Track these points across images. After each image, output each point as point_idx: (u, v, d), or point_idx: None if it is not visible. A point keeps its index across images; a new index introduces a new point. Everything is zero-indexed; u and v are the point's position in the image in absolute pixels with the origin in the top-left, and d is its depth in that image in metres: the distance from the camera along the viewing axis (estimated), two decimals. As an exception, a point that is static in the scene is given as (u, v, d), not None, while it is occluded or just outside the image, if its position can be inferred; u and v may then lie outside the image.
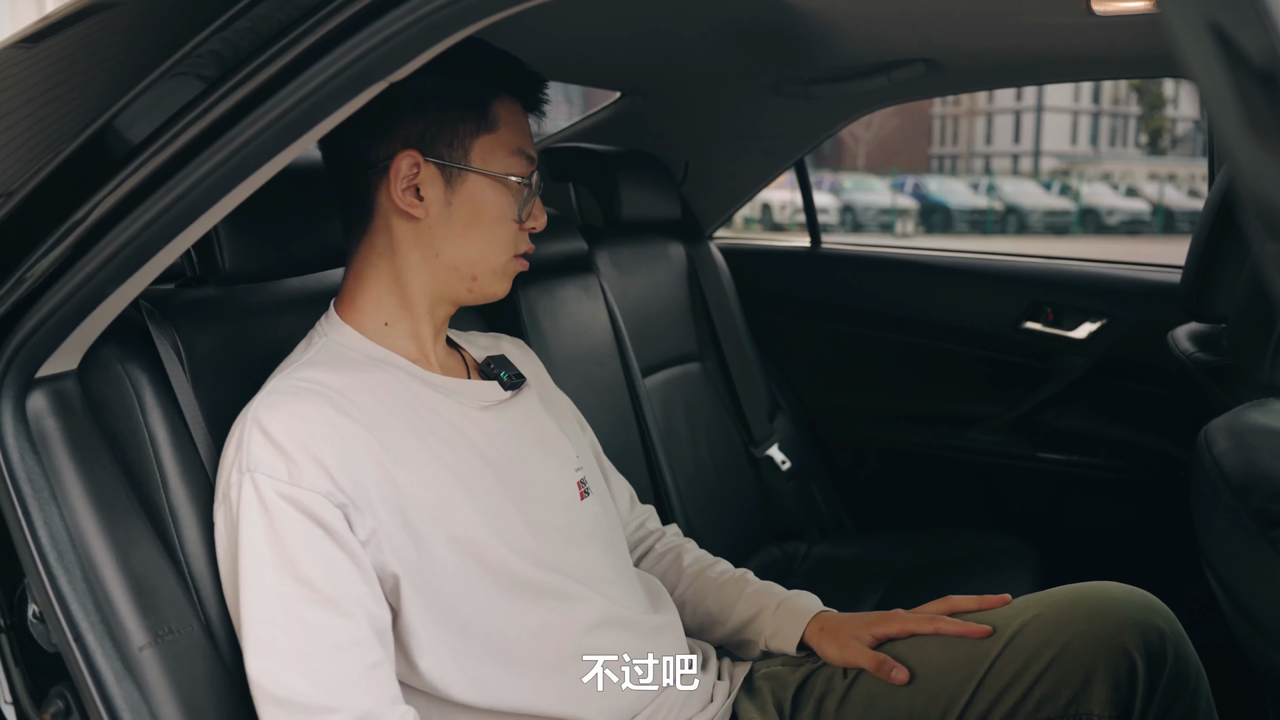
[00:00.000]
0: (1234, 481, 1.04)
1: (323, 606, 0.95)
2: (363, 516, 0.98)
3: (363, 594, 0.98)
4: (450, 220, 1.09)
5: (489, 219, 1.11)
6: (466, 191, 1.09)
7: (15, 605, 1.02)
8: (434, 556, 1.02)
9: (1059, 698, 1.07)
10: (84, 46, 1.08)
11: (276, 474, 0.96)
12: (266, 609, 0.95)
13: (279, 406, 0.99)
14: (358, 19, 0.83)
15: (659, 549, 1.40)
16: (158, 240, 0.93)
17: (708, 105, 2.18)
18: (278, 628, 0.95)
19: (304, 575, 0.95)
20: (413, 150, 1.07)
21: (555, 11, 0.84)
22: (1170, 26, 0.43)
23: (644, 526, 1.42)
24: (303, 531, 0.96)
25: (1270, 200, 0.41)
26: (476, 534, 1.04)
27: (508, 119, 1.11)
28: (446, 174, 1.08)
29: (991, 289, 2.40)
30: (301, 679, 0.94)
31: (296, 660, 0.94)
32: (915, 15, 1.62)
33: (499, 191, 1.11)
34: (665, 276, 2.18)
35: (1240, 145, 0.41)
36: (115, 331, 1.04)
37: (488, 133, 1.09)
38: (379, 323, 1.11)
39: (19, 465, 0.98)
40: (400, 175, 1.07)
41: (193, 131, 0.89)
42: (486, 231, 1.11)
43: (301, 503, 0.96)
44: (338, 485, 0.97)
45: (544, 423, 1.21)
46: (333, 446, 0.98)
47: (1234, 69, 0.41)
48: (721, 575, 1.33)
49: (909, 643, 1.17)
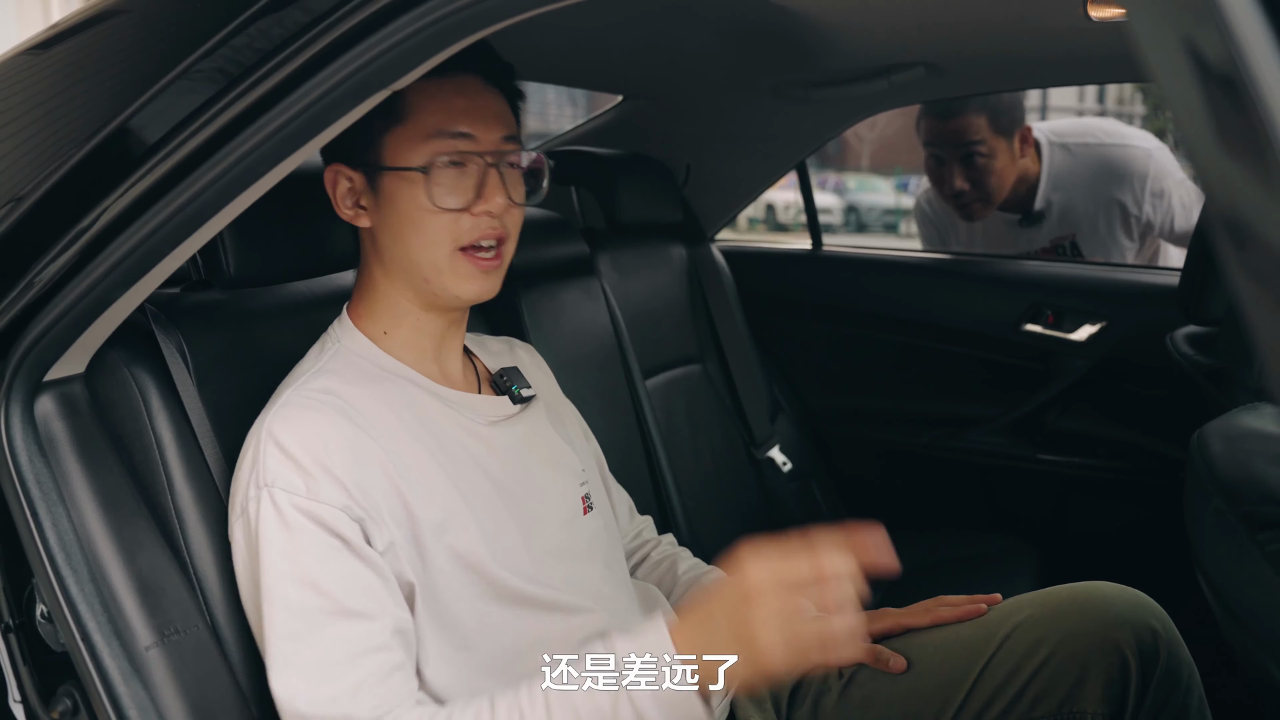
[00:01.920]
0: (1224, 485, 1.05)
1: (344, 618, 0.95)
2: (379, 528, 0.99)
3: (384, 599, 0.98)
4: (385, 226, 1.07)
5: (413, 216, 1.05)
6: (387, 193, 1.06)
7: (24, 605, 1.03)
8: (438, 570, 1.03)
9: (1053, 696, 1.08)
10: (91, 54, 1.09)
11: (294, 489, 0.96)
12: (289, 624, 0.95)
13: (294, 420, 1.00)
14: (361, 28, 0.84)
15: (655, 556, 1.41)
16: (164, 246, 0.94)
17: (709, 109, 2.20)
18: (300, 642, 0.95)
19: (325, 589, 0.95)
20: (337, 163, 1.07)
21: (558, 17, 0.85)
22: (1138, 37, 0.44)
23: (641, 535, 1.43)
24: (322, 545, 0.96)
25: (1237, 209, 0.42)
26: (478, 551, 1.04)
27: (420, 103, 1.04)
28: (371, 179, 1.07)
29: (991, 291, 2.40)
30: (323, 687, 0.94)
31: (319, 671, 0.94)
32: (915, 19, 1.63)
33: (413, 184, 1.04)
34: (667, 279, 2.19)
35: (1207, 155, 0.42)
36: (122, 335, 1.06)
37: (396, 125, 1.04)
38: (378, 330, 1.11)
39: (27, 467, 0.99)
40: (337, 189, 1.07)
41: (198, 139, 0.91)
42: (414, 229, 1.05)
43: (320, 517, 0.96)
44: (354, 499, 0.98)
45: (551, 438, 1.21)
46: (346, 460, 0.98)
47: (1201, 78, 0.42)
48: (717, 580, 1.34)
49: (903, 641, 1.18)
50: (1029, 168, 2.39)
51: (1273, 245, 0.42)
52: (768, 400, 2.32)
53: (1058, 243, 2.47)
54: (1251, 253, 0.42)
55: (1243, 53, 0.40)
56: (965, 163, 2.29)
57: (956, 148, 2.29)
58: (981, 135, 2.25)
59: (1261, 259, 0.42)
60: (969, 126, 2.26)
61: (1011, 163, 2.31)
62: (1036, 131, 2.40)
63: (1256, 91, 0.40)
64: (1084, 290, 2.31)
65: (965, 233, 2.61)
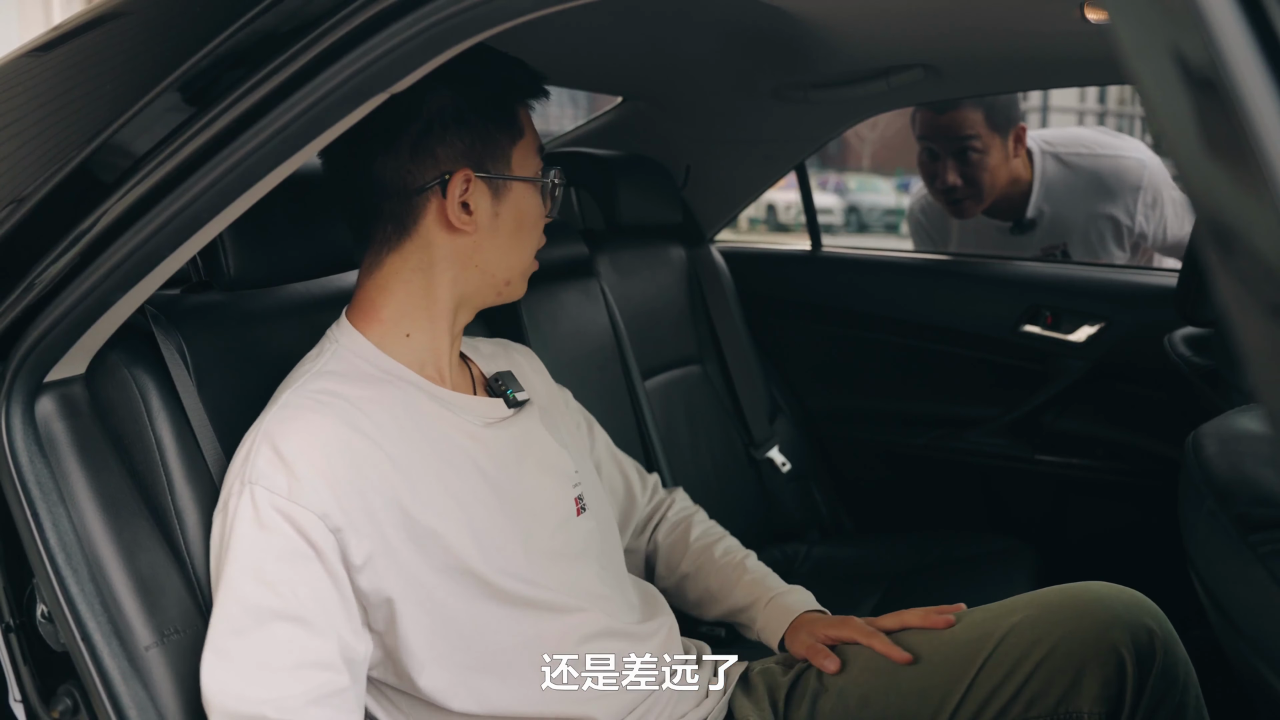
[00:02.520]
0: (1217, 486, 1.05)
1: (294, 623, 0.95)
2: (361, 539, 0.98)
3: (339, 621, 0.97)
4: (496, 231, 1.11)
5: (529, 223, 1.14)
6: (512, 200, 1.12)
7: (24, 605, 1.04)
8: (433, 572, 1.03)
9: (1049, 696, 1.08)
10: (93, 56, 1.10)
11: (276, 488, 0.96)
12: (236, 618, 0.95)
13: (293, 421, 1.00)
14: (362, 31, 0.85)
15: (671, 517, 1.46)
16: (164, 248, 0.95)
17: (709, 110, 2.20)
18: (242, 637, 0.94)
19: (282, 590, 0.95)
20: (466, 169, 1.08)
21: (557, 18, 0.86)
22: (1121, 42, 0.44)
23: (655, 496, 1.48)
24: (291, 547, 0.96)
25: (1221, 214, 0.42)
26: (472, 552, 1.05)
27: (527, 121, 1.14)
28: (494, 187, 1.10)
29: (990, 292, 2.40)
30: (256, 689, 0.93)
31: (257, 672, 0.94)
32: (914, 21, 1.64)
33: (535, 194, 1.14)
34: (666, 280, 2.19)
35: (1191, 160, 0.42)
36: (122, 336, 1.06)
37: (520, 139, 1.12)
38: (400, 334, 1.11)
39: (28, 468, 1.00)
40: (455, 195, 1.07)
41: (199, 141, 0.91)
42: (525, 236, 1.14)
43: (295, 519, 0.96)
44: (340, 505, 0.97)
45: (544, 440, 1.22)
46: (343, 464, 0.98)
47: (1184, 83, 0.43)
48: (724, 555, 1.39)
49: (900, 640, 1.19)
50: (1021, 171, 2.38)
51: (1257, 250, 0.42)
52: (767, 401, 2.33)
53: (1049, 250, 2.47)
54: (1236, 257, 0.43)
55: (1225, 57, 0.41)
56: (959, 157, 2.28)
57: (951, 142, 2.28)
58: (977, 130, 2.25)
59: (1246, 263, 0.42)
60: (964, 121, 2.25)
61: (1005, 161, 2.31)
62: (1030, 139, 2.40)
63: (1239, 96, 0.40)
64: (1083, 291, 2.31)
65: (957, 243, 2.61)
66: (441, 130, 1.07)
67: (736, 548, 1.41)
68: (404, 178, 1.07)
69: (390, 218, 1.09)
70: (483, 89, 1.09)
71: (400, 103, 0.94)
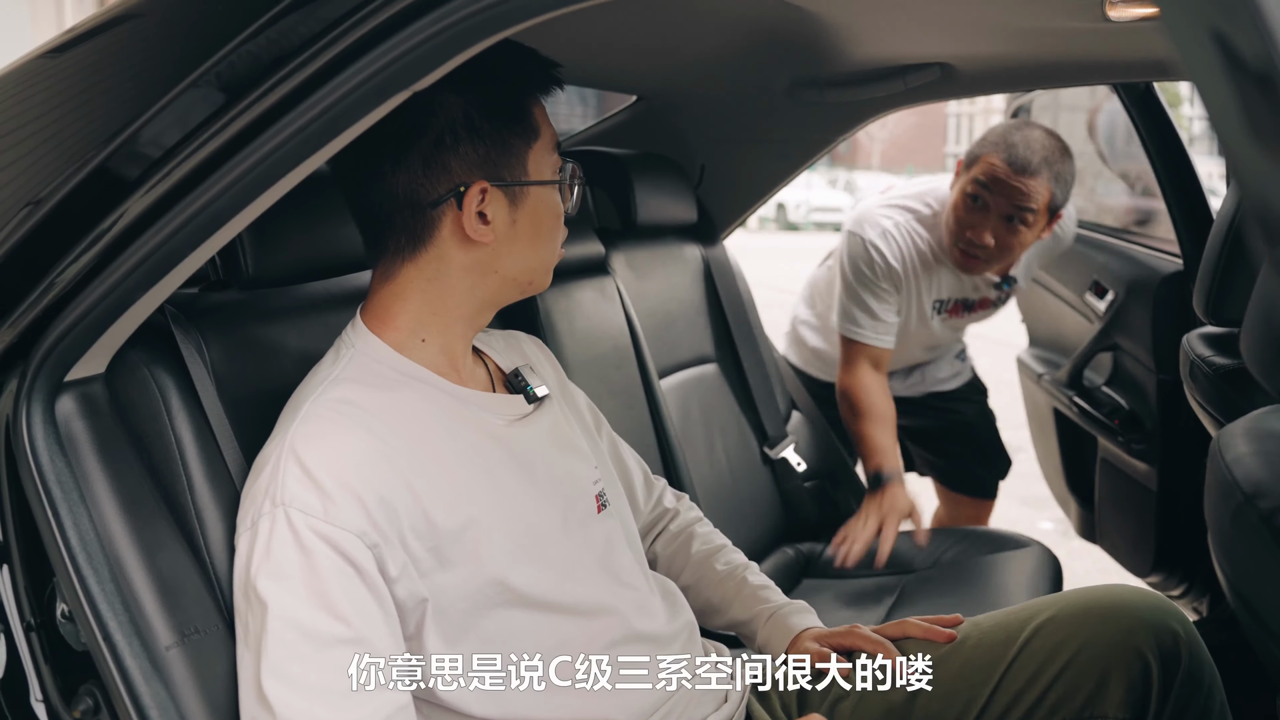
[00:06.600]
0: (1246, 486, 1.04)
1: (351, 645, 0.94)
2: (395, 551, 0.98)
3: (387, 636, 0.97)
4: (515, 237, 1.08)
5: (549, 224, 1.11)
6: (529, 206, 1.08)
7: (45, 604, 1.04)
8: (457, 578, 1.02)
9: (1074, 700, 1.08)
10: (110, 57, 1.10)
11: (312, 510, 0.95)
12: (294, 644, 0.93)
13: (316, 436, 0.99)
14: (382, 29, 0.85)
15: (673, 529, 1.42)
16: (184, 247, 0.95)
17: (723, 109, 2.19)
18: (304, 663, 0.93)
19: (341, 613, 0.94)
20: (482, 180, 1.05)
21: (573, 18, 0.85)
22: (1172, 33, 0.44)
23: (660, 504, 1.44)
24: (337, 568, 0.94)
25: (1272, 206, 0.41)
26: (497, 558, 1.04)
27: (542, 117, 1.10)
28: (510, 194, 1.07)
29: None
30: (325, 711, 0.92)
31: (324, 697, 0.93)
32: (932, 21, 1.63)
33: (553, 194, 1.11)
34: (681, 278, 2.19)
35: (1242, 151, 0.42)
36: (141, 336, 1.06)
37: (535, 140, 1.09)
38: (416, 339, 1.09)
39: (49, 467, 1.00)
40: (471, 207, 1.05)
41: (218, 141, 0.91)
42: (545, 237, 1.11)
43: (336, 541, 0.94)
44: (373, 523, 0.96)
45: (566, 435, 1.20)
46: (371, 480, 0.97)
47: (1234, 74, 0.42)
48: (725, 569, 1.36)
49: (924, 644, 1.18)
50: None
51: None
52: (782, 400, 2.32)
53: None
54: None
55: (1276, 46, 0.40)
56: (1008, 220, 2.11)
57: (1011, 204, 2.10)
58: (1038, 205, 2.08)
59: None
60: (1036, 192, 2.07)
61: (1035, 240, 2.17)
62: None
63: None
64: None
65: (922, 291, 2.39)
66: (454, 141, 1.03)
67: (738, 559, 1.38)
68: (417, 191, 1.04)
69: (404, 230, 1.06)
70: (494, 92, 1.05)
71: (409, 113, 0.93)
